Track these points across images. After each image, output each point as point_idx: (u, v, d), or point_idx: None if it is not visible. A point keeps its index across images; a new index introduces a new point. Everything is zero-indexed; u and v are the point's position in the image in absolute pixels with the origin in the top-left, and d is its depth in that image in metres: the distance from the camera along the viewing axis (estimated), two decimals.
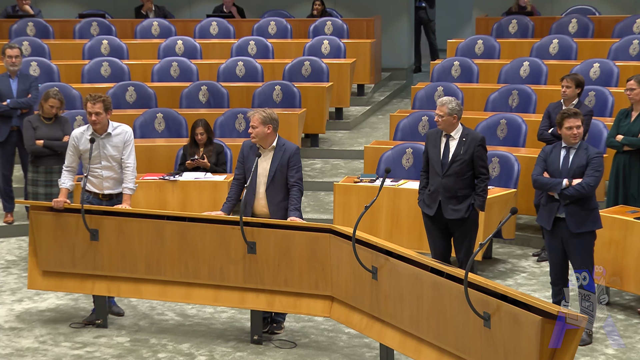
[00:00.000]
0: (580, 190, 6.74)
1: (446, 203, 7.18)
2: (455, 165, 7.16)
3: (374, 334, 6.56)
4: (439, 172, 7.21)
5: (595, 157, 6.82)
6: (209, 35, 13.64)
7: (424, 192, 7.37)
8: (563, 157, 6.90)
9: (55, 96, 8.73)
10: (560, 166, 6.87)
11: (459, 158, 7.16)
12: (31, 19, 13.63)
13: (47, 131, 8.76)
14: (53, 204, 7.28)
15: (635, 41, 11.49)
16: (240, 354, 6.95)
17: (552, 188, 6.86)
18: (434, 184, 7.25)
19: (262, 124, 7.04)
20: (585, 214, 6.81)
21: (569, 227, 6.79)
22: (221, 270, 7.04)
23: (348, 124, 12.65)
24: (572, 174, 6.81)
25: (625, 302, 7.79)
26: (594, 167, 6.79)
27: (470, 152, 7.16)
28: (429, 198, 7.28)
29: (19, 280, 8.46)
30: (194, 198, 8.97)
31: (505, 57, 12.17)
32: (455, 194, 7.17)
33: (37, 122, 8.81)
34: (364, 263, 6.43)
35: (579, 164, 6.82)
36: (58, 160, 8.58)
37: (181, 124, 10.36)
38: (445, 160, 7.20)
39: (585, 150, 6.86)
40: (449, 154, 7.20)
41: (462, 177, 7.17)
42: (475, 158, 7.18)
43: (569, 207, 6.80)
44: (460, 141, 7.19)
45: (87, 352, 6.96)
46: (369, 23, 14.14)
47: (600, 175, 6.82)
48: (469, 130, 7.29)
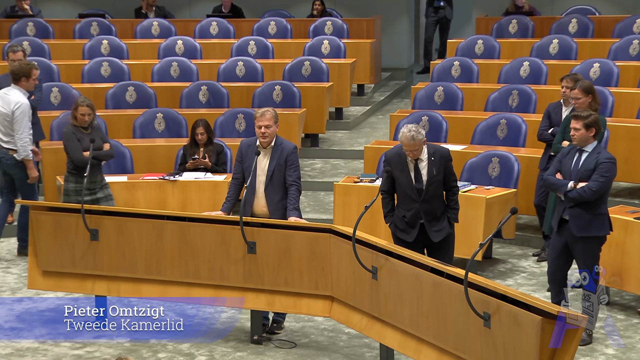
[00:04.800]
0: (581, 194, 6.73)
1: (429, 227, 6.95)
2: (432, 188, 6.92)
3: (374, 334, 6.55)
4: (416, 198, 6.92)
5: (603, 162, 6.77)
6: (209, 35, 13.64)
7: (392, 216, 7.08)
8: (575, 159, 6.89)
9: (84, 103, 8.40)
10: (572, 168, 6.87)
11: (434, 179, 6.91)
12: (31, 19, 13.63)
13: (89, 141, 8.27)
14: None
15: (635, 41, 11.48)
16: (240, 354, 6.95)
17: (558, 189, 6.88)
18: (410, 210, 6.95)
19: (275, 123, 7.08)
20: (590, 218, 6.78)
21: (571, 229, 6.79)
22: (221, 270, 7.04)
23: (348, 124, 12.65)
24: (580, 176, 6.80)
25: (625, 302, 7.79)
26: (601, 172, 6.75)
27: (442, 169, 6.93)
28: (404, 224, 7.01)
29: (19, 280, 8.46)
30: (194, 198, 8.97)
31: (505, 57, 12.16)
32: (435, 215, 6.95)
33: (78, 134, 8.39)
34: (364, 263, 6.43)
35: (587, 168, 6.80)
36: (100, 169, 8.51)
37: (181, 124, 10.35)
38: (420, 186, 6.92)
39: (597, 154, 6.82)
40: (422, 178, 6.92)
41: (439, 197, 6.97)
42: (447, 174, 6.95)
43: (573, 210, 6.80)
44: (429, 161, 6.92)
45: (87, 352, 6.97)
46: (369, 23, 14.13)
47: (606, 180, 6.76)
48: (434, 147, 7.01)
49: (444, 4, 15.59)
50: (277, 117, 7.13)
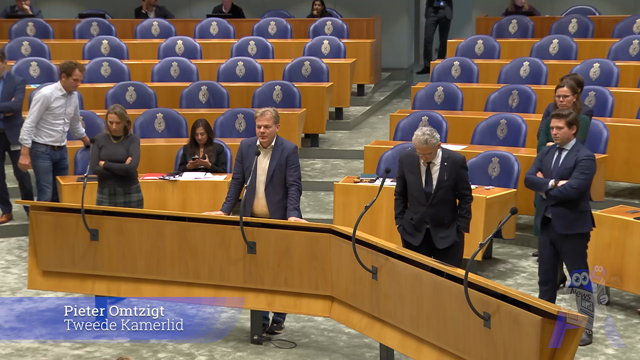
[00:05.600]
0: (563, 192, 6.77)
1: (435, 232, 6.84)
2: (441, 192, 6.81)
3: (374, 334, 6.55)
4: (423, 201, 6.83)
5: (583, 160, 6.82)
6: (209, 35, 13.64)
7: (402, 218, 6.99)
8: (555, 157, 6.94)
9: (112, 110, 7.99)
10: (552, 166, 6.91)
11: (444, 184, 6.80)
12: (31, 19, 13.63)
13: (111, 151, 7.99)
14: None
15: (635, 41, 11.48)
16: (240, 354, 6.95)
17: (539, 188, 6.94)
18: (417, 213, 6.87)
19: (275, 123, 7.07)
20: (574, 216, 6.82)
21: (556, 228, 6.82)
22: (221, 270, 7.04)
23: (348, 124, 12.65)
24: (560, 175, 6.85)
25: (625, 302, 7.79)
26: (581, 169, 6.80)
27: (454, 176, 6.81)
28: (411, 227, 6.92)
29: (19, 280, 8.46)
30: (194, 198, 8.97)
31: (505, 57, 12.17)
32: (442, 222, 6.84)
33: (104, 141, 8.03)
34: (364, 263, 6.43)
35: (566, 166, 6.85)
36: (121, 182, 8.01)
37: (181, 124, 10.35)
38: (429, 189, 6.82)
39: (577, 152, 6.87)
40: (432, 181, 6.82)
41: (448, 203, 6.85)
42: (459, 181, 6.83)
43: (556, 208, 6.84)
44: (442, 166, 6.81)
45: (87, 352, 6.97)
46: (369, 23, 14.13)
47: (586, 177, 6.80)
48: (449, 153, 6.92)
49: (444, 4, 15.60)
50: (277, 117, 7.12)
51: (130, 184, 8.06)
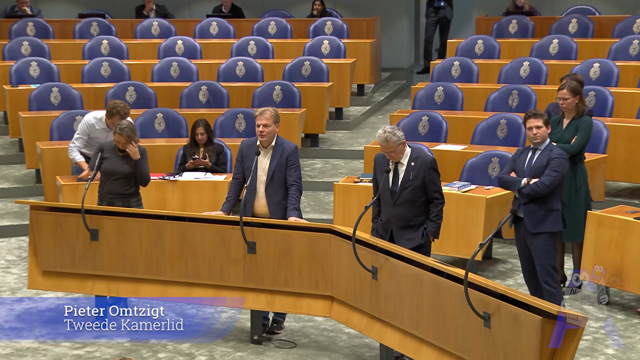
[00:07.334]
0: (535, 189, 6.85)
1: (400, 233, 6.70)
2: (406, 192, 6.67)
3: (374, 334, 6.55)
4: (389, 201, 6.72)
5: (555, 158, 6.88)
6: (209, 35, 13.64)
7: (377, 222, 6.87)
8: (529, 157, 7.02)
9: (121, 132, 7.60)
10: (525, 166, 6.97)
11: (409, 184, 6.66)
12: (31, 19, 13.63)
13: (114, 164, 7.69)
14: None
15: (635, 41, 11.48)
16: (240, 354, 6.95)
17: (511, 186, 7.02)
18: (385, 214, 6.76)
19: (274, 122, 7.06)
20: (544, 214, 6.87)
21: (526, 226, 6.86)
22: (221, 270, 7.04)
23: (348, 124, 12.65)
24: (533, 173, 6.92)
25: (625, 302, 7.79)
26: (552, 167, 6.86)
27: (421, 176, 6.65)
28: (381, 228, 6.81)
29: (19, 280, 8.46)
30: (194, 198, 8.98)
31: (505, 57, 12.17)
32: (409, 223, 6.70)
33: (109, 153, 7.72)
34: (364, 263, 6.43)
35: (539, 164, 6.93)
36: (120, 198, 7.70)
37: (181, 124, 10.36)
38: (394, 188, 6.70)
39: (549, 151, 6.95)
40: (398, 180, 6.70)
41: (414, 204, 6.69)
42: (427, 182, 6.67)
43: (527, 206, 6.90)
44: (409, 166, 6.69)
45: (87, 352, 6.97)
46: (369, 23, 14.13)
47: (558, 175, 6.85)
48: (419, 153, 6.79)
49: (444, 4, 15.61)
50: (277, 117, 7.12)
51: (130, 197, 7.78)
